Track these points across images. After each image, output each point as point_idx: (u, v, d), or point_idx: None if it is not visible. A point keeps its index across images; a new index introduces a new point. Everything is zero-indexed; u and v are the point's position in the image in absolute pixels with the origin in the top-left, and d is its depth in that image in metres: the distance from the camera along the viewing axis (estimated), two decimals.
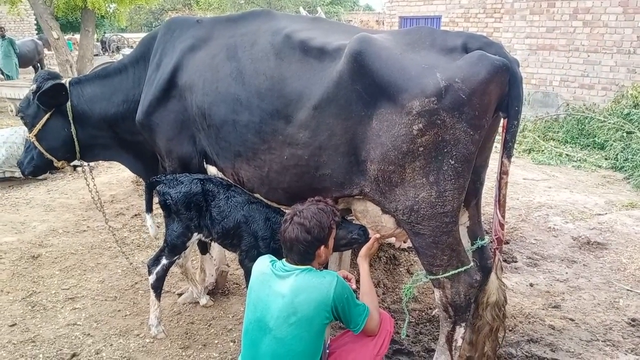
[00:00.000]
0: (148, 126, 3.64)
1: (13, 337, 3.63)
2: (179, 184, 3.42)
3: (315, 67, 2.94)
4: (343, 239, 3.04)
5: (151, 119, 3.60)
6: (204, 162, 3.61)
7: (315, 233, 2.52)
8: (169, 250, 3.53)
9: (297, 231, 2.51)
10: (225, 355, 3.48)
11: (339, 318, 2.52)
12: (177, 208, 3.40)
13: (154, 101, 3.56)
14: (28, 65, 17.99)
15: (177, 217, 3.44)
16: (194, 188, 3.39)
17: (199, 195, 3.38)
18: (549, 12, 11.15)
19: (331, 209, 2.65)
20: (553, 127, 10.06)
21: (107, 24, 35.48)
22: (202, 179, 3.45)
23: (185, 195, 3.37)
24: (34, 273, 4.58)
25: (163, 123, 3.56)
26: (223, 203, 3.36)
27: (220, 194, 3.39)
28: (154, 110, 3.57)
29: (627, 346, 3.62)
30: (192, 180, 3.43)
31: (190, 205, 3.38)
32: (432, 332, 3.71)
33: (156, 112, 3.57)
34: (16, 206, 6.32)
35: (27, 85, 12.28)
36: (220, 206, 3.36)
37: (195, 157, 3.56)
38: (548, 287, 4.45)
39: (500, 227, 2.88)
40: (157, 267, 3.55)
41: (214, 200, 3.39)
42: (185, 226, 3.44)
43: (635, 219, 5.92)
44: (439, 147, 2.61)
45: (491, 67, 2.52)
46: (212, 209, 3.38)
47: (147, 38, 3.94)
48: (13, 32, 22.55)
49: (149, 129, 3.65)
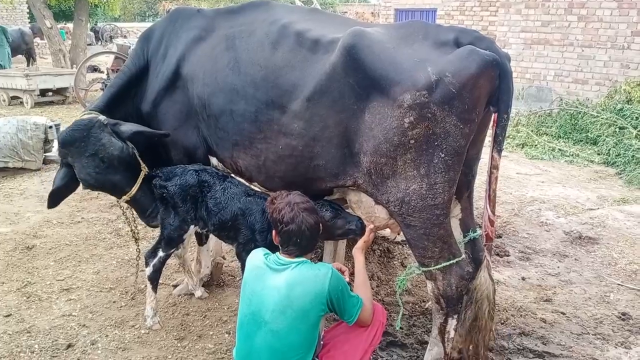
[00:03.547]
0: (155, 116, 3.65)
1: (8, 328, 3.64)
2: (174, 177, 3.42)
3: (309, 59, 2.98)
4: (340, 229, 3.08)
5: (158, 109, 3.62)
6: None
7: (317, 215, 2.60)
8: (165, 242, 3.54)
9: (311, 217, 2.53)
10: (220, 347, 3.50)
11: (334, 310, 2.55)
12: (173, 201, 3.41)
13: (161, 91, 3.58)
14: (15, 54, 17.81)
15: (173, 209, 3.44)
16: (189, 180, 3.39)
17: (194, 187, 3.38)
18: (544, 6, 11.17)
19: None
20: (546, 121, 10.09)
21: (100, 12, 35.19)
22: (197, 170, 3.45)
23: (181, 187, 3.37)
24: (28, 264, 4.58)
25: (169, 113, 3.59)
26: (220, 194, 3.37)
27: (217, 185, 3.39)
28: (161, 101, 3.60)
29: (617, 339, 3.67)
30: (187, 172, 3.42)
31: (186, 197, 3.38)
32: (425, 325, 3.75)
33: (162, 102, 3.60)
34: (10, 197, 6.31)
35: (19, 74, 12.24)
36: (216, 197, 3.37)
37: (200, 147, 3.57)
38: (540, 281, 4.50)
39: (490, 223, 2.90)
40: (154, 259, 3.55)
41: (210, 191, 3.39)
42: (181, 219, 3.45)
43: (626, 214, 5.97)
44: (430, 140, 2.64)
45: (481, 61, 2.55)
46: (208, 200, 3.39)
47: (143, 36, 3.88)
48: (5, 21, 22.37)
49: (156, 119, 3.65)
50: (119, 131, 3.35)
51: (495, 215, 2.92)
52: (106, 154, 3.29)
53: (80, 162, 3.30)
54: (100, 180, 3.34)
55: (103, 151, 3.28)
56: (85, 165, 3.29)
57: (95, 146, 3.28)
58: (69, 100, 12.94)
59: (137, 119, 3.73)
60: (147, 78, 3.71)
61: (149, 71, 3.71)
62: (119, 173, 3.36)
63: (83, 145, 3.28)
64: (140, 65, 3.74)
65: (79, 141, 3.28)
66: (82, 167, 3.31)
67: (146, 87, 3.70)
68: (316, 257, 4.45)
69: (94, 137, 3.28)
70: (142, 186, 3.44)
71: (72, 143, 3.30)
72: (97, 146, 3.28)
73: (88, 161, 3.29)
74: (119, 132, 3.35)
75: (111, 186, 3.42)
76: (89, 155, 3.28)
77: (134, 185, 3.41)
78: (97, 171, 3.30)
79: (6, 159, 7.02)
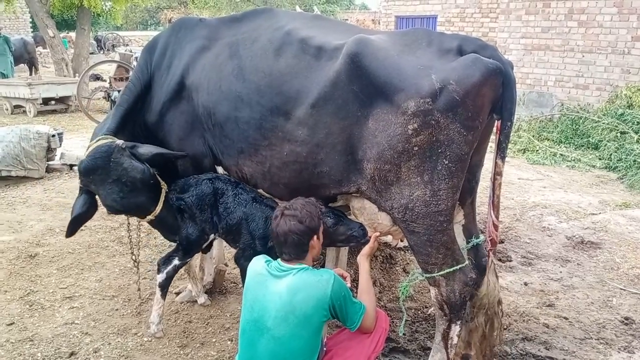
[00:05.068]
0: (161, 127, 3.66)
1: (11, 336, 3.65)
2: (189, 188, 3.43)
3: (313, 66, 2.99)
4: (342, 235, 3.09)
5: (164, 120, 3.63)
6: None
7: (307, 222, 2.56)
8: (184, 252, 3.54)
9: (290, 223, 2.55)
10: (223, 354, 3.50)
11: (336, 316, 2.55)
12: (191, 212, 3.42)
13: (166, 102, 3.59)
14: (18, 63, 17.88)
15: (192, 220, 3.45)
16: (204, 189, 3.41)
17: (210, 196, 3.41)
18: (545, 12, 11.20)
19: (316, 203, 2.71)
20: (547, 127, 10.11)
21: (102, 21, 35.38)
22: (210, 178, 3.47)
23: (197, 197, 3.39)
24: (31, 272, 4.59)
25: (175, 124, 3.59)
26: (230, 200, 3.40)
27: (229, 191, 3.42)
28: (166, 112, 3.61)
29: (620, 344, 3.66)
30: (202, 181, 3.44)
31: (204, 206, 3.40)
32: (428, 331, 3.75)
33: (168, 113, 3.60)
34: (13, 205, 6.32)
35: (22, 83, 12.30)
36: (227, 203, 3.40)
37: (207, 156, 3.57)
38: (542, 286, 4.50)
39: (494, 228, 2.91)
40: (168, 266, 3.54)
41: (222, 197, 3.42)
42: (201, 229, 3.46)
43: (628, 218, 5.97)
44: (434, 147, 2.65)
45: (485, 69, 2.57)
46: (219, 206, 3.42)
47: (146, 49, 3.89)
48: (8, 30, 22.46)
49: (162, 130, 3.67)
50: (138, 154, 3.34)
51: (499, 220, 2.93)
52: (129, 178, 3.27)
53: (105, 189, 3.28)
54: (126, 204, 3.32)
55: (126, 175, 3.26)
56: (110, 191, 3.27)
57: (117, 171, 3.25)
58: (72, 108, 13.00)
59: (144, 131, 3.74)
60: (152, 90, 3.72)
61: (154, 83, 3.71)
62: (142, 195, 3.35)
63: (105, 172, 3.26)
64: (145, 78, 3.74)
65: (101, 168, 3.27)
66: (107, 194, 3.29)
67: (152, 99, 3.71)
68: (318, 263, 4.45)
69: (115, 162, 3.26)
70: (164, 203, 3.44)
71: (95, 171, 3.28)
72: (119, 171, 3.25)
73: (112, 187, 3.27)
74: (138, 154, 3.34)
75: (136, 208, 3.41)
76: (112, 181, 3.27)
77: (158, 204, 3.41)
78: (122, 196, 3.28)
79: (9, 168, 7.03)
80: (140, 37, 33.10)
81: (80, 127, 11.14)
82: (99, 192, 3.33)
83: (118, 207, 3.33)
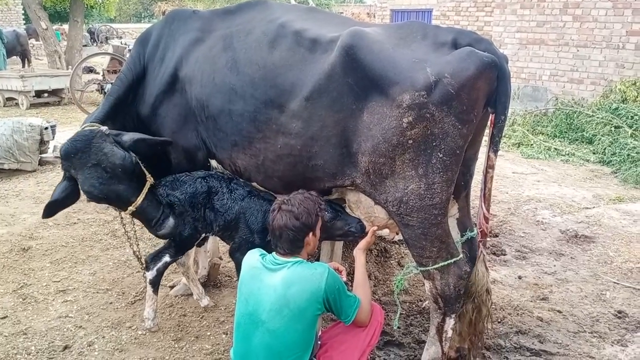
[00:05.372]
0: (154, 120, 3.64)
1: (4, 330, 3.63)
2: (182, 185, 3.40)
3: (308, 58, 2.97)
4: (339, 230, 3.08)
5: (157, 113, 3.60)
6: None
7: (304, 219, 2.55)
8: (176, 249, 3.52)
9: (286, 218, 2.54)
10: (218, 347, 3.50)
11: (331, 309, 2.55)
12: (184, 209, 3.40)
13: (160, 95, 3.56)
14: (10, 55, 17.73)
15: (184, 218, 3.42)
16: (199, 187, 3.39)
17: (204, 194, 3.38)
18: (540, 7, 11.19)
19: (316, 198, 2.69)
20: (542, 121, 10.13)
21: (95, 14, 35.10)
22: (204, 176, 3.45)
23: (191, 195, 3.37)
24: (24, 265, 4.56)
25: (168, 117, 3.57)
26: (226, 197, 3.38)
27: (224, 188, 3.40)
28: (160, 104, 3.58)
29: (613, 337, 3.69)
30: (196, 179, 3.41)
31: (197, 205, 3.38)
32: (423, 324, 3.76)
33: (161, 106, 3.58)
34: (5, 198, 6.28)
35: (15, 75, 12.20)
36: (223, 200, 3.38)
37: (200, 149, 3.55)
38: (536, 280, 4.52)
39: (485, 220, 2.93)
40: (158, 263, 3.51)
41: (216, 195, 3.40)
42: (193, 227, 3.44)
43: (622, 212, 6.00)
44: (428, 140, 2.65)
45: (480, 63, 2.56)
46: (215, 203, 3.39)
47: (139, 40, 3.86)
48: (0, 22, 22.28)
49: (155, 123, 3.64)
50: (121, 140, 3.32)
51: (490, 213, 2.94)
52: (109, 164, 3.23)
53: (83, 173, 3.25)
54: (105, 191, 3.28)
55: (105, 161, 3.23)
56: (89, 176, 3.24)
57: (97, 156, 3.22)
58: (65, 101, 12.91)
59: (136, 124, 3.71)
60: (145, 82, 3.69)
61: (147, 75, 3.68)
62: (122, 183, 3.30)
63: (85, 156, 3.23)
64: (138, 70, 3.71)
65: (81, 152, 3.23)
66: (85, 179, 3.26)
67: (144, 91, 3.68)
68: (313, 257, 4.44)
69: (96, 147, 3.23)
70: (147, 196, 3.39)
71: (74, 154, 3.25)
72: (99, 156, 3.22)
73: (91, 172, 3.23)
74: (121, 141, 3.32)
75: (116, 197, 3.35)
76: (92, 165, 3.23)
77: (140, 195, 3.36)
78: (101, 182, 3.24)
79: (2, 161, 6.98)
80: (134, 30, 32.84)
81: (73, 120, 11.06)
82: (78, 176, 3.29)
83: (96, 193, 3.28)
